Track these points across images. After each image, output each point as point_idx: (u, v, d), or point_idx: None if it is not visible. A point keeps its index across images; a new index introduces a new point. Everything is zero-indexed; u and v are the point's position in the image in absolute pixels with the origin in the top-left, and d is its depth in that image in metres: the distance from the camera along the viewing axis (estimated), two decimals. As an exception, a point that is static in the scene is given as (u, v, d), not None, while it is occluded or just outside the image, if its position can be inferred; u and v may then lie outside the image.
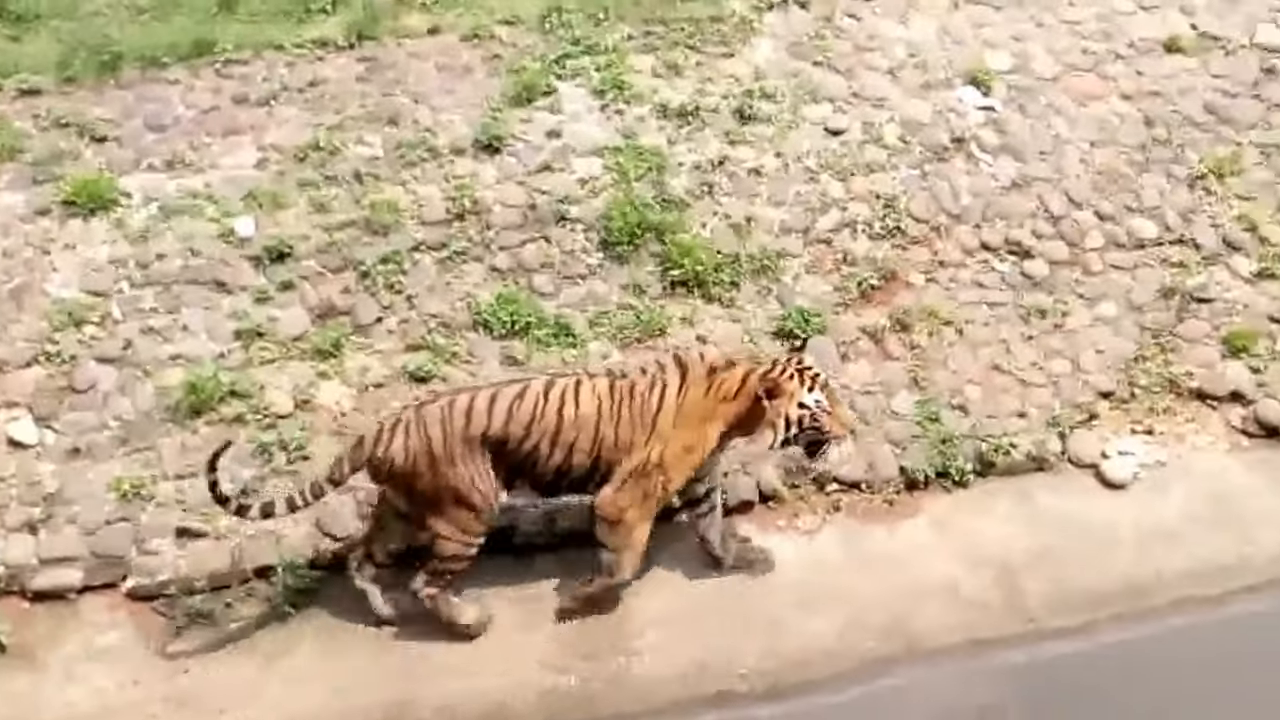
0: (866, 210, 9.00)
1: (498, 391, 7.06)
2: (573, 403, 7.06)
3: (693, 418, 7.10)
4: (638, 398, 7.11)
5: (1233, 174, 9.18)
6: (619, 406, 7.09)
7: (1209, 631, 7.54)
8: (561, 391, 7.08)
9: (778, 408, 7.03)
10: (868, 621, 7.49)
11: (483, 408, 6.97)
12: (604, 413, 7.07)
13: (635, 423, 7.07)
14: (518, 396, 7.03)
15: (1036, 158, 9.26)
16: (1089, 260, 8.91)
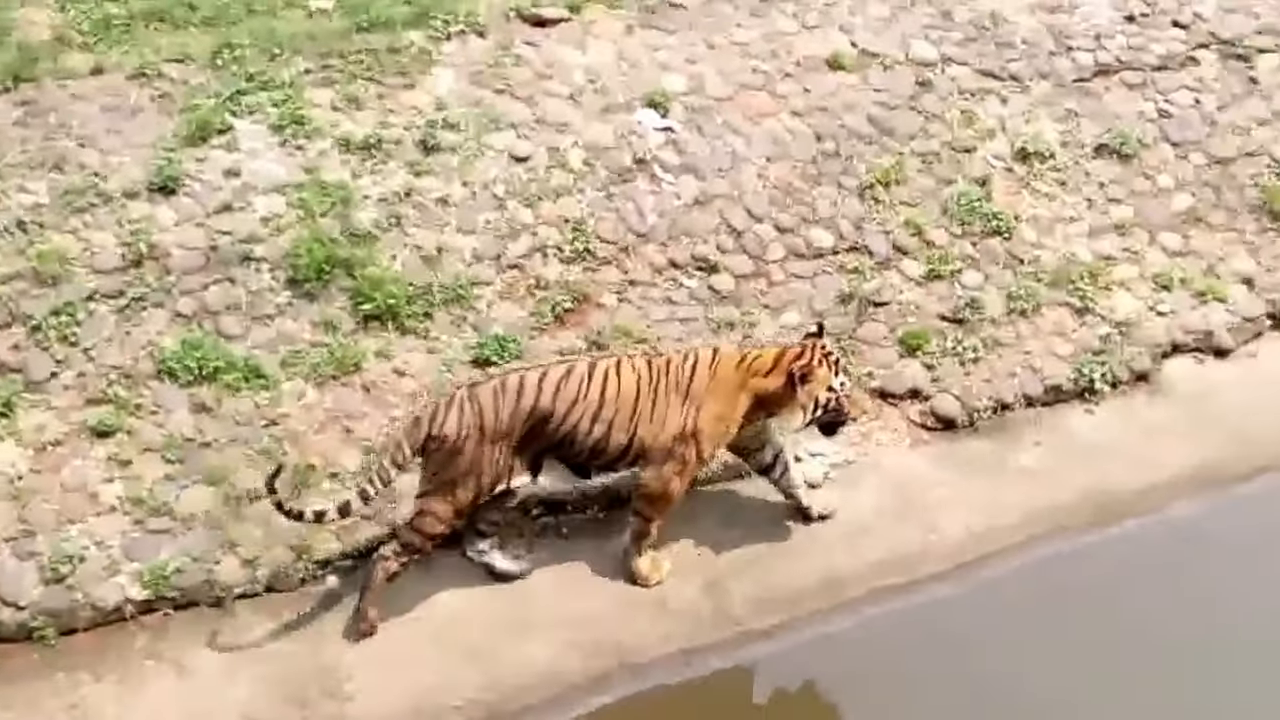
0: (556, 234, 9.09)
1: (546, 370, 7.48)
2: (615, 380, 7.48)
3: (725, 388, 7.53)
4: (673, 371, 7.56)
5: (897, 183, 9.65)
6: (656, 382, 7.52)
7: (901, 618, 7.88)
8: (605, 370, 7.51)
9: (810, 391, 7.55)
10: (581, 641, 7.56)
11: (533, 383, 7.36)
12: (642, 389, 7.49)
13: (671, 395, 7.50)
14: (564, 375, 7.44)
15: (716, 175, 9.53)
16: (771, 271, 9.22)
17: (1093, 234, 9.61)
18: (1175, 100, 10.24)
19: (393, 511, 7.74)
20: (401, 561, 7.40)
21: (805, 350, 7.61)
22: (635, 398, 7.47)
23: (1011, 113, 10.05)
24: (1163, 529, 8.37)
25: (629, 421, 7.47)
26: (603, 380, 7.46)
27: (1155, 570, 8.13)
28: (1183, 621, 7.81)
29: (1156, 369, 9.14)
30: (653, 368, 7.57)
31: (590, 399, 7.41)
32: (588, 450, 7.48)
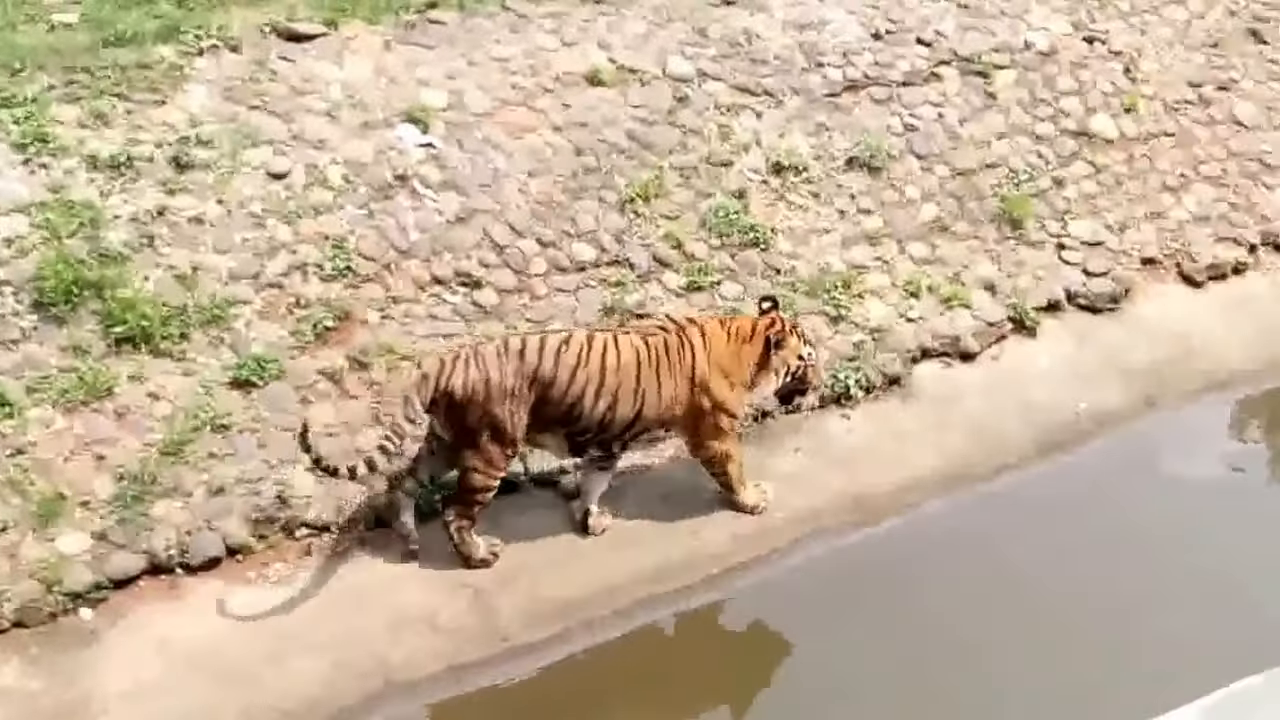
0: (316, 252, 8.98)
1: (545, 337, 7.90)
2: (614, 352, 7.87)
3: (724, 360, 8.10)
4: (673, 355, 8.00)
5: (657, 196, 9.81)
6: (657, 362, 7.95)
7: (668, 625, 8.01)
8: (603, 341, 7.90)
9: (783, 357, 8.19)
10: (349, 661, 7.48)
11: (534, 348, 7.73)
12: (643, 363, 7.90)
13: (676, 378, 7.99)
14: (563, 342, 7.81)
15: (478, 190, 9.55)
16: (534, 285, 9.28)
17: (845, 244, 9.94)
18: (920, 114, 10.67)
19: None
20: (467, 518, 7.88)
21: (776, 319, 8.19)
22: (636, 373, 7.90)
23: (766, 127, 10.32)
24: (916, 528, 8.68)
25: (633, 396, 7.89)
26: (601, 351, 7.86)
27: (911, 567, 8.41)
28: (937, 616, 8.09)
29: (907, 373, 9.49)
30: (650, 347, 7.98)
31: (591, 368, 7.80)
32: (595, 424, 7.88)
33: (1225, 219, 10.69)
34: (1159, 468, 9.20)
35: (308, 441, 7.47)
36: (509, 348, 7.74)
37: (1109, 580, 8.27)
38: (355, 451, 7.99)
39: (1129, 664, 7.67)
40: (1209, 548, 8.45)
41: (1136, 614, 8.02)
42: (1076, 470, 9.09)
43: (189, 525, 7.73)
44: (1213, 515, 8.75)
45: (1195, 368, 9.82)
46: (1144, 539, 8.55)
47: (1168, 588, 8.20)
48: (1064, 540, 8.54)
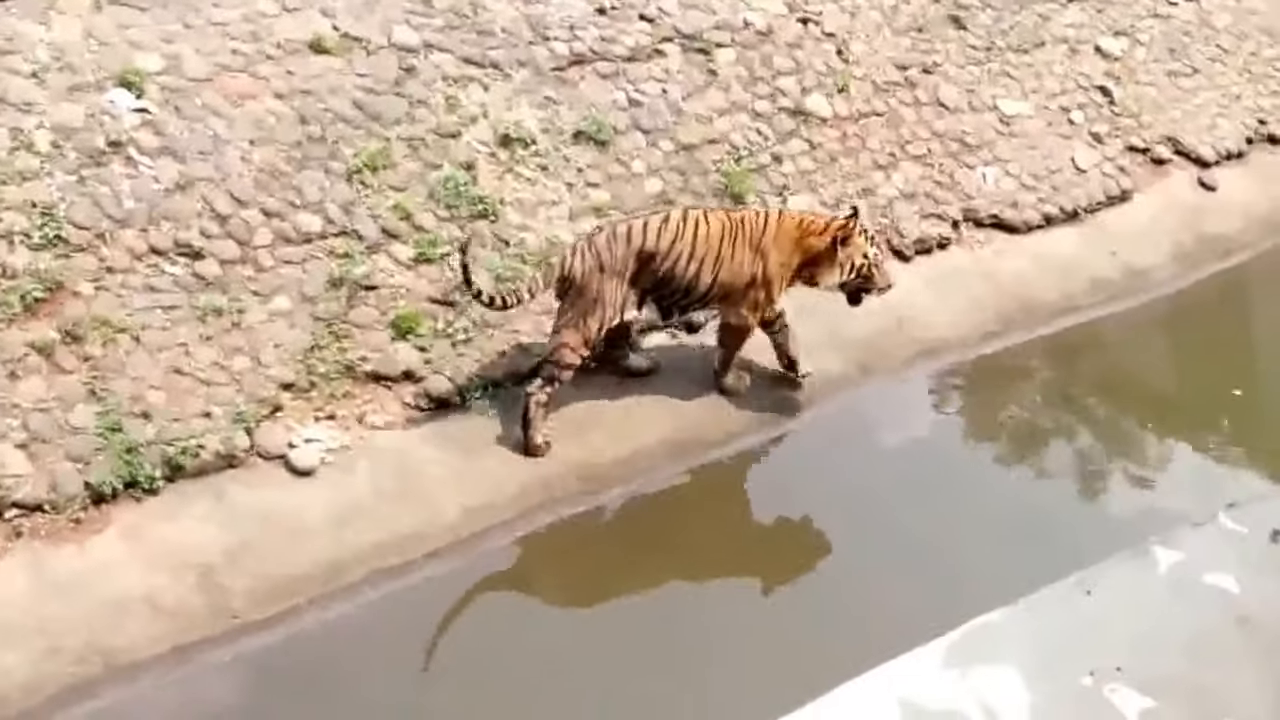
0: (23, 220, 8.57)
1: (648, 218, 9.03)
2: (704, 225, 9.01)
3: (784, 241, 9.09)
4: (748, 226, 9.09)
5: (385, 167, 9.70)
6: (735, 233, 9.03)
7: (397, 599, 7.98)
8: (695, 217, 9.04)
9: (848, 253, 9.11)
10: (64, 647, 7.22)
11: (639, 229, 8.91)
12: (725, 236, 9.01)
13: (745, 247, 9.04)
14: (663, 220, 8.98)
15: (198, 158, 9.25)
16: (259, 257, 9.07)
17: (573, 216, 10.03)
18: (645, 90, 10.84)
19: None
20: (547, 392, 8.78)
21: (850, 221, 9.07)
22: (720, 242, 8.99)
23: (494, 99, 10.32)
24: (643, 495, 8.90)
25: (714, 263, 8.99)
26: (694, 225, 8.98)
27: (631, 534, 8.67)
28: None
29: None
30: (731, 220, 9.09)
31: (685, 238, 8.93)
32: (682, 289, 9.01)
33: (930, 196, 11.23)
34: (872, 434, 9.66)
35: (468, 273, 8.60)
36: (617, 233, 8.87)
37: (818, 545, 8.67)
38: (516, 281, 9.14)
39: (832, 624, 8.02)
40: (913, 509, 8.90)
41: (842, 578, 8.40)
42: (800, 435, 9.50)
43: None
44: (920, 478, 9.23)
45: (907, 336, 10.31)
46: (856, 498, 8.98)
47: (871, 551, 8.59)
48: (779, 507, 8.94)
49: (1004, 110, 11.95)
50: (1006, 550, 8.60)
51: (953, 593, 8.21)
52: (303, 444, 8.43)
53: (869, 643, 7.81)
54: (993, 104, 11.95)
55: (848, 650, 7.77)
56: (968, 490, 9.23)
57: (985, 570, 8.39)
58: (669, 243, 8.90)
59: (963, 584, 8.29)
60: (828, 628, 8.00)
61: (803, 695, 7.48)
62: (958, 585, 8.27)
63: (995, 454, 9.85)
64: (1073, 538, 8.75)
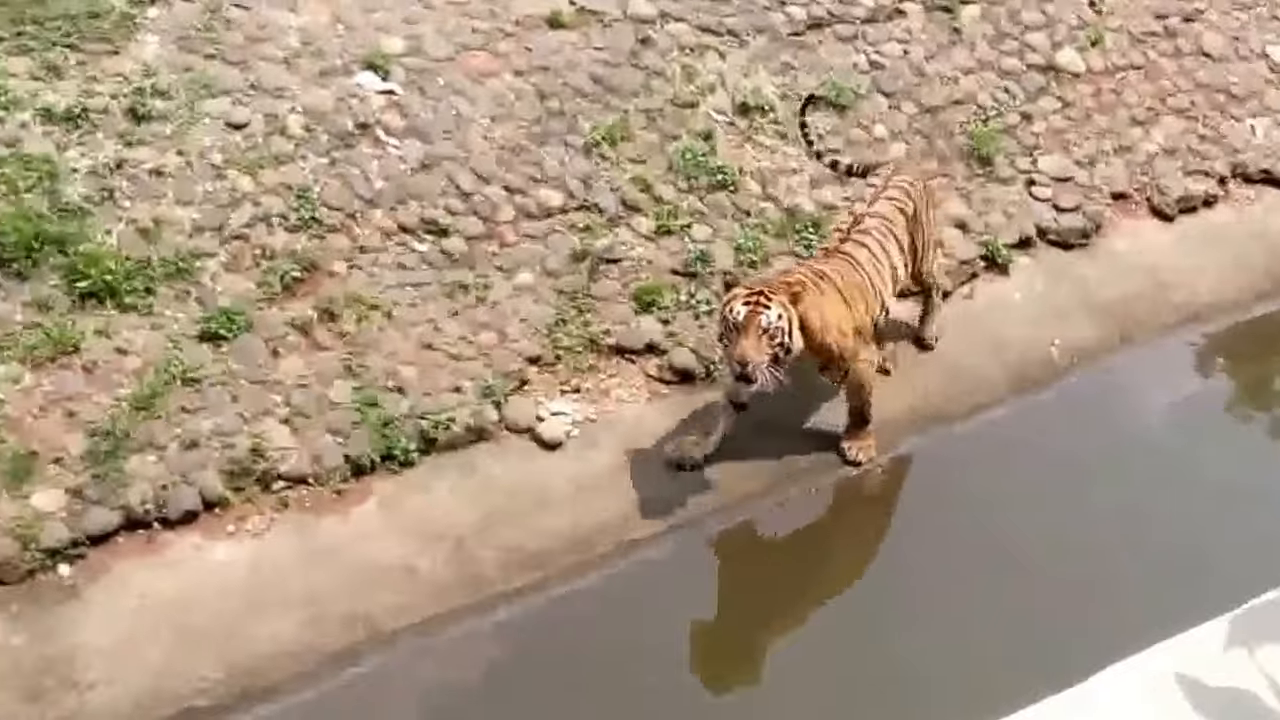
0: (280, 203, 8.84)
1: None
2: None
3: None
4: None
5: (623, 139, 9.70)
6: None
7: (645, 570, 7.96)
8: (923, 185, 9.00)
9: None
10: (328, 614, 7.40)
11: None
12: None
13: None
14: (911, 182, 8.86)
15: (441, 137, 9.41)
16: (503, 233, 9.17)
17: (814, 184, 9.86)
18: (885, 52, 10.59)
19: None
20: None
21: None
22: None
23: (731, 67, 10.22)
24: (889, 469, 8.68)
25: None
26: (925, 197, 8.94)
27: (883, 509, 8.48)
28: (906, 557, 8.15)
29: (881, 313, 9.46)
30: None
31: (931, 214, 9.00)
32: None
33: (1194, 151, 10.69)
34: (1133, 403, 9.22)
35: (806, 130, 8.98)
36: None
37: (1082, 518, 8.29)
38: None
39: (1103, 603, 7.72)
40: (1182, 482, 8.47)
41: (1110, 552, 8.05)
42: (1050, 408, 9.10)
43: (164, 479, 7.61)
44: (1185, 450, 8.78)
45: (1168, 301, 9.83)
46: (1118, 475, 8.58)
47: (1140, 524, 8.23)
48: (1037, 479, 8.57)
49: (1274, 58, 11.28)
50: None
51: (1222, 573, 7.81)
52: (550, 417, 8.48)
53: (1122, 622, 7.51)
54: (1262, 51, 11.30)
55: (1111, 629, 7.47)
56: (1235, 463, 8.73)
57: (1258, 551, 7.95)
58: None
59: (1231, 564, 7.87)
60: (1089, 603, 7.70)
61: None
62: (1227, 565, 7.86)
63: (1266, 426, 9.31)
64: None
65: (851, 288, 8.29)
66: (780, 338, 7.81)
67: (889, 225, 8.58)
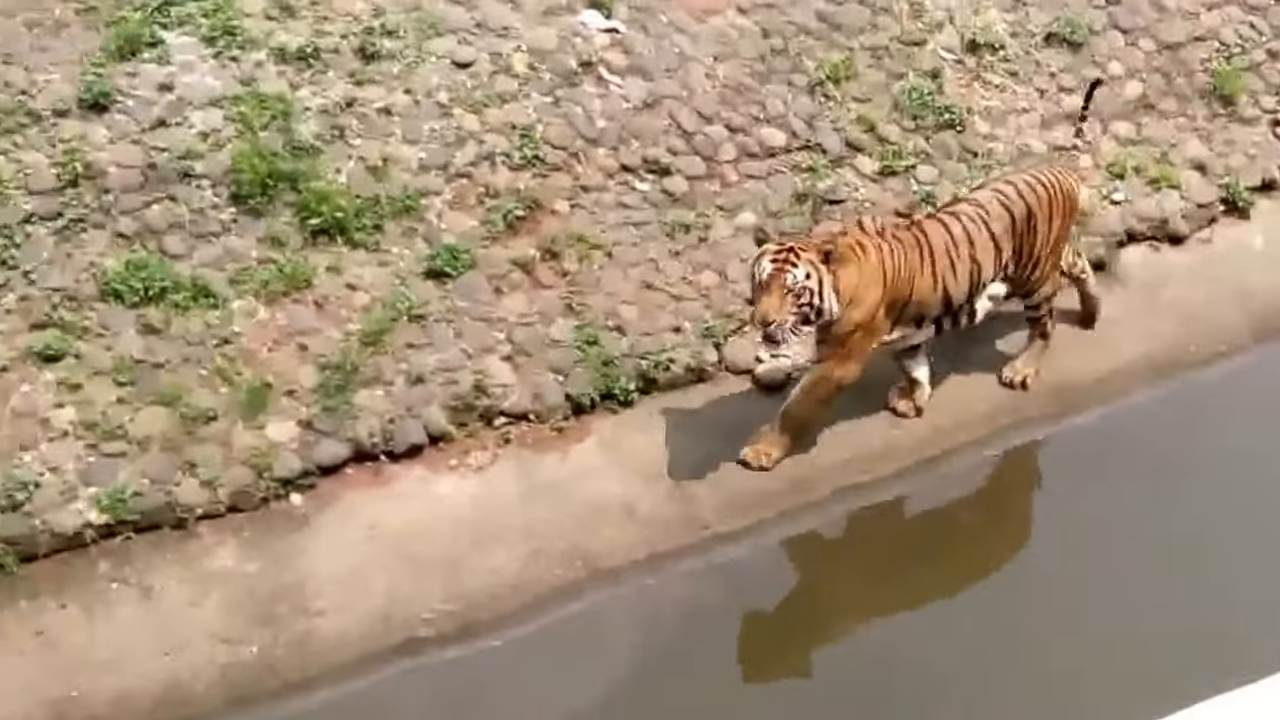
0: (504, 141, 8.89)
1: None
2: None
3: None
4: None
5: (848, 78, 9.50)
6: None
7: (863, 515, 7.90)
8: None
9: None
10: (549, 550, 7.49)
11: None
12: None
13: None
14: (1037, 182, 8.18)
15: (664, 76, 9.35)
16: (725, 172, 9.08)
17: (1045, 124, 9.53)
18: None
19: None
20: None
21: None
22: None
23: (960, 3, 9.90)
24: (1121, 419, 8.38)
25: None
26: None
27: (1113, 460, 8.15)
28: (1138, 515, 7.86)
29: (1113, 258, 9.12)
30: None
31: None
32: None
33: None
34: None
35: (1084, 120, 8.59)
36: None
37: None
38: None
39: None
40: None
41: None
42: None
43: (391, 413, 7.77)
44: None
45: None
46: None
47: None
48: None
49: None
50: None
51: None
52: (769, 359, 8.38)
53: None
54: None
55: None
56: None
57: None
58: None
59: None
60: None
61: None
62: None
63: None
64: None
65: (901, 268, 7.75)
66: (808, 298, 7.42)
67: (985, 217, 7.98)
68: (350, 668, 6.94)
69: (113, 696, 6.70)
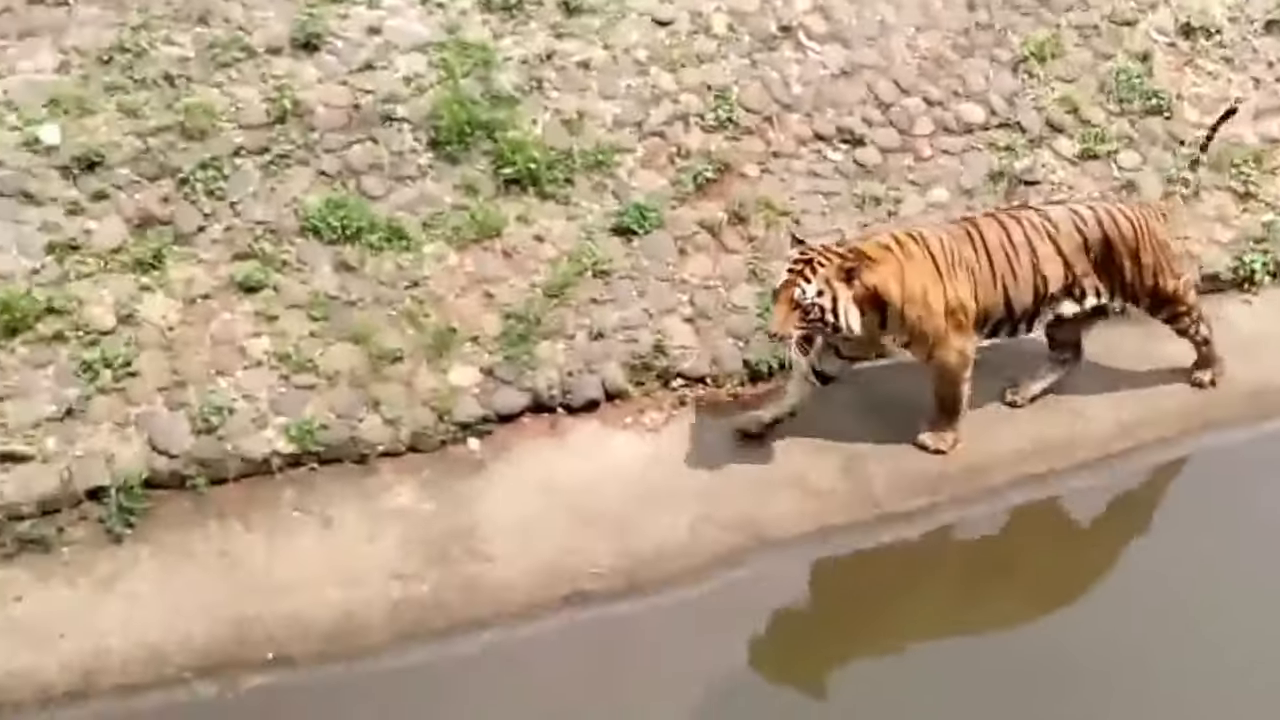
0: (699, 102, 8.89)
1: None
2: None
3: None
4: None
5: (1053, 56, 9.30)
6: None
7: (1038, 506, 7.75)
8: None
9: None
10: (718, 515, 7.50)
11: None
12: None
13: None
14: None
15: (864, 44, 9.24)
16: (919, 146, 8.97)
17: (1259, 115, 9.23)
18: (1359, -30, 9.71)
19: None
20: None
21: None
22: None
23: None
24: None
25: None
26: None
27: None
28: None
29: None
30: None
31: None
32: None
33: None
34: None
35: (1210, 139, 8.09)
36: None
37: None
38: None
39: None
40: None
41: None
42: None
43: (570, 367, 7.86)
44: None
45: None
46: None
47: None
48: None
49: None
50: None
51: None
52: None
53: None
54: None
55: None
56: None
57: None
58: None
59: None
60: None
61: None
62: None
63: None
64: None
65: (957, 263, 7.48)
66: (818, 315, 7.21)
67: (1052, 230, 7.64)
68: (516, 614, 7.04)
69: (288, 620, 6.91)
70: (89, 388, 7.32)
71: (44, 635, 6.71)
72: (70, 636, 6.72)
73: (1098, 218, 7.71)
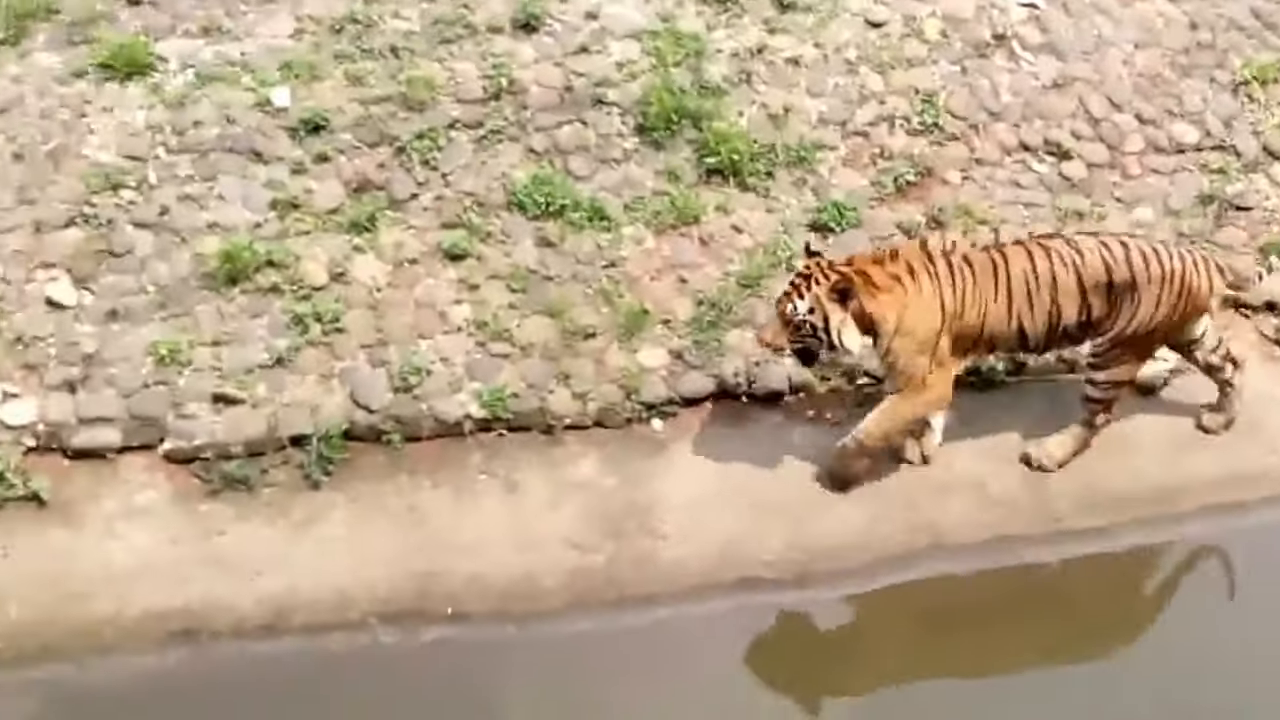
0: (905, 105, 8.91)
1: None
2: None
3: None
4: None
5: (1275, 81, 9.08)
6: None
7: (1226, 538, 7.60)
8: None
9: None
10: (894, 515, 7.52)
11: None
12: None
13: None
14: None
15: (1078, 57, 9.14)
16: (1127, 163, 8.83)
17: None
18: None
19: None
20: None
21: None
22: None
23: None
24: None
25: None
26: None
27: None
28: None
29: None
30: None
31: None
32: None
33: None
34: None
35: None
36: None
37: None
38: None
39: None
40: None
41: None
42: None
43: (757, 356, 7.90)
44: None
45: None
46: None
47: None
48: None
49: None
50: None
51: None
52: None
53: None
54: None
55: None
56: None
57: None
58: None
59: None
60: None
61: None
62: None
63: None
64: None
65: (969, 305, 7.17)
66: (809, 332, 7.06)
67: (1078, 264, 7.22)
68: (688, 593, 7.17)
69: (468, 579, 7.15)
70: (299, 340, 7.68)
71: (242, 570, 7.08)
72: (266, 574, 7.08)
73: (1129, 256, 7.26)
